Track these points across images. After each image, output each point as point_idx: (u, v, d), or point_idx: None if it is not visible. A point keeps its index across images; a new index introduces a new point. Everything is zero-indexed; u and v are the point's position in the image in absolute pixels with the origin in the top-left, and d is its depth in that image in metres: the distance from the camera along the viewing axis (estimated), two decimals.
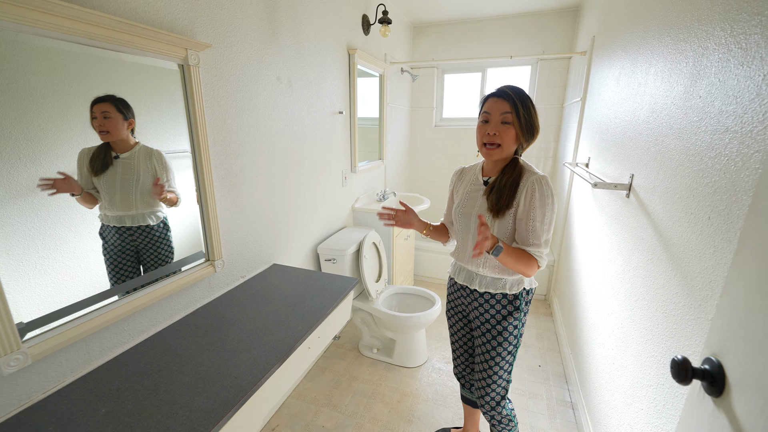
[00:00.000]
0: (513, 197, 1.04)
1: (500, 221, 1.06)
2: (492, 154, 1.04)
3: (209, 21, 1.15)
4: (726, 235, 0.70)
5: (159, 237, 1.08)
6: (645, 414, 0.97)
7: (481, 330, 1.19)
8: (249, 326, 1.10)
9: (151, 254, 1.07)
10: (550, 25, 2.85)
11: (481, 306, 1.17)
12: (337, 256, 1.91)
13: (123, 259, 1.00)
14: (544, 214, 1.01)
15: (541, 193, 1.00)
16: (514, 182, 1.04)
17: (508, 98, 1.00)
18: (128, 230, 1.00)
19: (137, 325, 1.04)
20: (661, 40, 1.11)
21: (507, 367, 1.20)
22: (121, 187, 0.97)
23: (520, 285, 1.13)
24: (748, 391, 0.48)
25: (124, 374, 0.89)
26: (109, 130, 0.91)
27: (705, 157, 0.80)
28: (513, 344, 1.17)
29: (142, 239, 1.03)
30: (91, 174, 0.89)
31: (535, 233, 1.01)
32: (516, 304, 1.13)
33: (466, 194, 1.17)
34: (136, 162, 0.98)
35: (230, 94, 1.27)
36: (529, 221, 1.02)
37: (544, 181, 1.01)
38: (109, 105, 0.90)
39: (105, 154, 0.92)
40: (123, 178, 0.96)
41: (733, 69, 0.73)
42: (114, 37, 0.85)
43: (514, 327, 1.14)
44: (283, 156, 1.61)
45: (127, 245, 1.00)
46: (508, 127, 1.01)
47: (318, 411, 1.72)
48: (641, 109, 1.22)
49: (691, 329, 0.79)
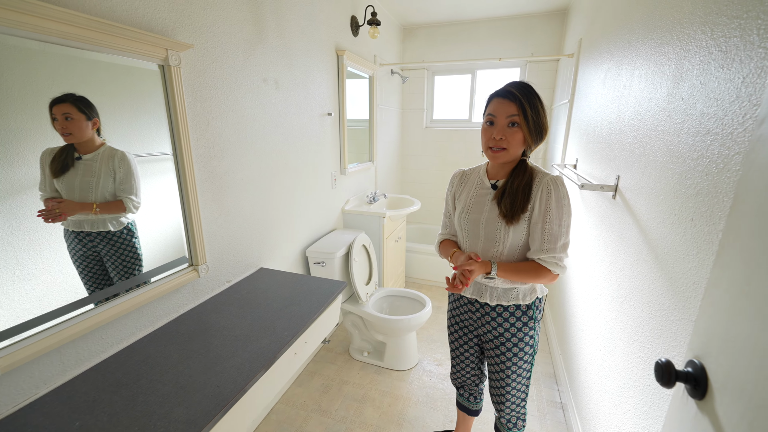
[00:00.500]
0: (527, 201, 0.97)
1: (515, 228, 0.99)
2: (498, 157, 0.98)
3: (191, 21, 1.13)
4: (708, 237, 0.70)
5: (121, 244, 1.01)
6: (632, 415, 0.97)
7: (494, 343, 1.11)
8: (233, 333, 1.07)
9: (114, 262, 1.00)
10: (538, 28, 2.88)
11: (494, 320, 1.09)
12: (326, 259, 1.89)
13: (88, 265, 0.95)
14: (562, 216, 0.96)
15: (557, 195, 0.95)
16: (527, 185, 0.98)
17: (515, 99, 0.93)
18: (88, 235, 0.94)
19: (116, 334, 1.01)
20: (644, 43, 1.12)
21: (525, 376, 1.14)
22: (80, 189, 0.91)
23: (533, 294, 1.06)
24: (730, 395, 0.47)
25: (101, 385, 0.86)
26: (72, 132, 0.86)
27: (688, 158, 0.81)
28: (530, 353, 1.11)
29: (102, 246, 0.97)
30: (51, 176, 0.85)
31: (552, 237, 0.96)
32: (530, 314, 1.07)
33: (471, 199, 1.08)
34: (98, 164, 0.93)
35: (214, 96, 1.25)
36: (545, 224, 0.96)
37: (559, 182, 0.96)
38: (69, 106, 0.85)
39: (66, 155, 0.87)
40: (83, 180, 0.91)
41: (713, 71, 0.74)
42: (89, 37, 0.83)
43: (530, 338, 1.08)
44: (270, 158, 1.59)
45: (88, 251, 0.95)
46: (515, 129, 0.94)
47: (307, 417, 1.69)
48: (626, 111, 1.23)
49: (675, 330, 0.79)
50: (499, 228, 1.01)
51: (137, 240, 1.05)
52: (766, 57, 0.59)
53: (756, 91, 0.61)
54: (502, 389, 1.14)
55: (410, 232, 3.54)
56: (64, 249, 0.87)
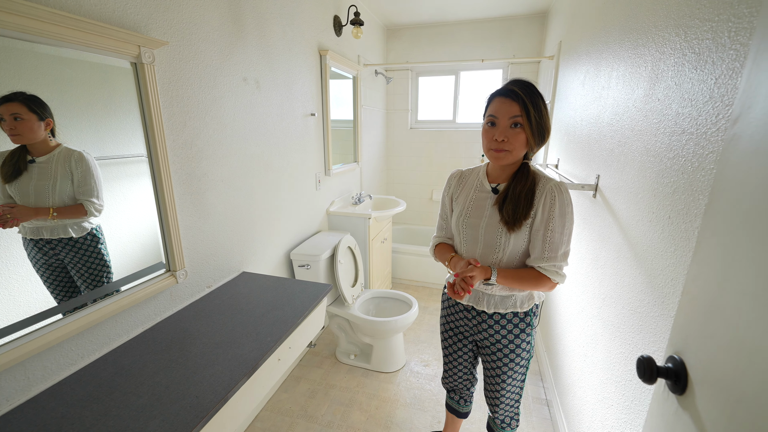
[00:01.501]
0: (530, 207, 0.93)
1: (516, 234, 0.95)
2: (500, 158, 0.93)
3: (165, 17, 1.09)
4: (685, 234, 0.72)
5: (86, 251, 0.95)
6: (615, 410, 0.99)
7: (490, 350, 1.10)
8: (214, 340, 1.04)
9: (80, 270, 0.94)
10: (519, 30, 2.93)
11: (491, 328, 1.06)
12: (310, 261, 1.86)
13: (52, 274, 0.89)
14: (564, 224, 0.92)
15: (561, 202, 0.91)
16: (530, 190, 0.94)
17: (518, 99, 0.88)
18: (48, 243, 0.88)
19: (87, 344, 0.96)
20: (622, 45, 1.14)
21: (520, 379, 1.13)
22: (36, 194, 0.85)
23: (531, 301, 1.04)
24: (710, 390, 0.48)
25: (70, 400, 0.81)
26: (21, 133, 0.80)
27: (664, 158, 0.82)
28: (526, 358, 1.10)
29: (65, 253, 0.91)
30: (2, 181, 0.79)
31: (553, 245, 0.93)
32: (528, 321, 1.05)
33: (470, 202, 1.04)
34: (53, 166, 0.86)
35: (191, 95, 1.21)
36: (547, 232, 0.92)
37: (563, 189, 0.92)
38: (19, 106, 0.78)
39: (18, 159, 0.81)
40: (38, 184, 0.85)
41: (687, 73, 0.76)
42: (51, 31, 0.78)
43: (527, 343, 1.07)
44: (251, 159, 1.55)
45: (50, 260, 0.89)
46: (518, 131, 0.89)
47: (293, 423, 1.66)
48: (605, 112, 1.25)
49: (655, 326, 0.81)
50: (499, 234, 0.97)
51: (104, 246, 0.98)
52: (737, 59, 0.61)
53: (728, 91, 0.62)
54: (497, 392, 1.14)
55: (396, 233, 3.53)
56: (26, 257, 0.82)
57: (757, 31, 0.47)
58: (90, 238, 0.96)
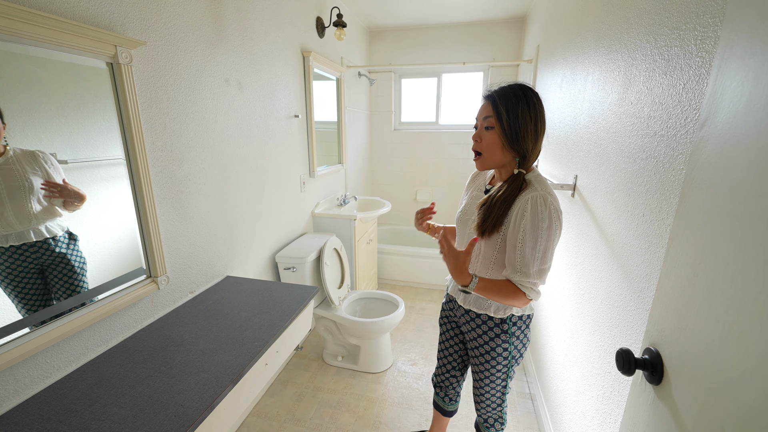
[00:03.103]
0: (503, 217, 0.89)
1: (486, 242, 0.94)
2: (476, 162, 0.95)
3: (143, 16, 1.06)
4: (658, 231, 0.76)
5: (58, 255, 0.90)
6: (595, 401, 1.03)
7: (472, 345, 1.11)
8: (198, 346, 1.01)
9: (59, 273, 0.90)
10: (499, 34, 2.99)
11: (471, 322, 1.08)
12: (296, 264, 1.84)
13: (21, 283, 0.84)
14: (536, 239, 0.84)
15: (534, 215, 0.84)
16: (507, 200, 0.89)
17: (491, 99, 0.89)
18: (18, 249, 0.83)
19: (63, 356, 0.92)
20: (596, 50, 1.19)
21: (500, 384, 1.11)
22: (10, 195, 0.80)
23: (506, 310, 1.01)
24: (684, 379, 0.51)
25: (46, 414, 0.78)
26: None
27: (638, 158, 0.86)
28: (504, 366, 1.07)
29: (39, 256, 0.87)
30: None
31: (524, 260, 0.86)
32: (504, 329, 1.02)
33: (470, 200, 1.07)
34: (18, 167, 0.81)
35: (171, 96, 1.18)
36: (518, 245, 0.86)
37: (540, 201, 0.84)
38: None
39: None
40: (10, 185, 0.80)
41: (658, 78, 0.80)
42: (20, 29, 0.74)
43: (504, 350, 1.04)
44: (234, 162, 1.52)
45: (28, 266, 0.84)
46: (490, 132, 0.89)
47: (280, 428, 1.64)
48: (582, 114, 1.30)
49: (632, 319, 0.85)
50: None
51: (77, 251, 0.94)
52: (703, 65, 0.65)
53: (696, 96, 0.66)
54: (479, 389, 1.16)
55: (382, 234, 3.54)
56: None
57: (722, 40, 0.50)
58: (69, 236, 0.92)
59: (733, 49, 0.47)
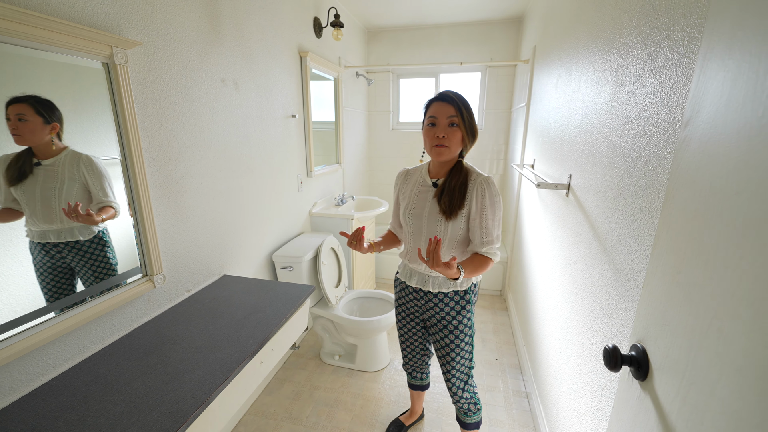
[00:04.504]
0: (464, 198, 1.08)
1: (453, 222, 1.10)
2: (441, 153, 1.07)
3: (139, 17, 1.07)
4: (647, 230, 0.77)
5: (92, 254, 0.98)
6: (588, 399, 1.04)
7: (438, 327, 1.23)
8: (194, 344, 1.02)
9: (85, 273, 0.97)
10: (496, 34, 3.00)
11: (437, 306, 1.20)
12: (293, 263, 1.85)
13: (54, 278, 0.90)
14: (495, 212, 1.07)
15: (490, 193, 1.06)
16: (463, 184, 1.09)
17: (453, 102, 1.05)
18: (55, 246, 0.90)
19: (59, 353, 0.93)
20: (590, 51, 1.20)
21: (467, 354, 1.25)
22: (42, 198, 0.87)
23: (469, 281, 1.19)
24: (667, 374, 0.52)
25: (42, 411, 0.78)
26: (21, 134, 0.82)
27: (628, 158, 0.87)
28: (469, 334, 1.23)
29: (72, 257, 0.94)
30: (7, 184, 0.80)
31: (488, 231, 1.08)
32: (467, 299, 1.19)
33: (414, 195, 1.18)
34: (60, 169, 0.89)
35: (167, 96, 1.19)
36: (482, 220, 1.07)
37: (491, 182, 1.08)
38: (26, 107, 0.81)
39: (23, 162, 0.83)
40: (44, 187, 0.87)
41: (648, 78, 0.81)
42: (16, 30, 0.75)
43: (468, 319, 1.21)
44: (231, 161, 1.53)
45: (56, 263, 0.91)
46: (454, 129, 1.05)
47: (277, 426, 1.64)
48: (576, 114, 1.31)
49: (622, 317, 0.86)
50: (439, 223, 1.11)
51: (110, 249, 1.02)
52: (690, 65, 0.66)
53: (682, 96, 0.67)
54: (449, 365, 1.26)
55: (379, 233, 3.55)
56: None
57: (704, 41, 0.51)
58: (97, 241, 0.99)
59: (714, 50, 0.48)
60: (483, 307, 2.72)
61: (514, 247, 2.63)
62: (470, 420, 1.35)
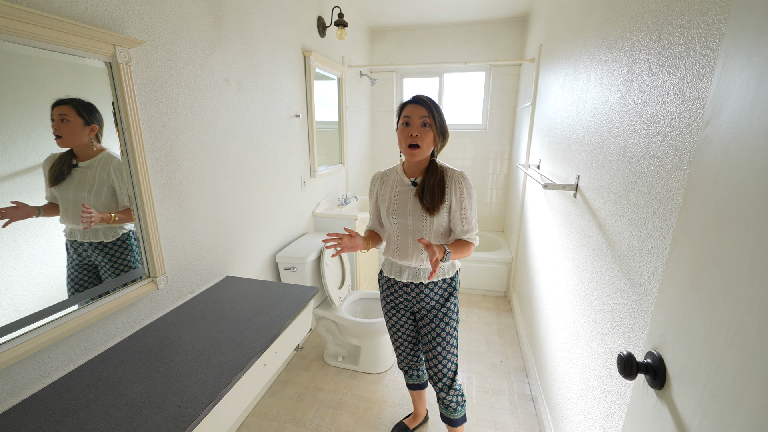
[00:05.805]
0: (443, 193, 1.16)
1: (437, 217, 1.18)
2: (415, 154, 1.13)
3: (142, 15, 1.06)
4: (661, 232, 0.74)
5: (113, 254, 1.00)
6: (597, 404, 1.01)
7: (428, 317, 1.28)
8: (197, 347, 1.01)
9: (106, 273, 1.00)
10: (501, 33, 2.98)
11: (428, 296, 1.26)
12: (296, 264, 1.84)
13: (79, 275, 0.94)
14: (471, 203, 1.18)
15: (466, 186, 1.16)
16: (441, 181, 1.17)
17: (425, 104, 1.12)
18: (81, 245, 0.94)
19: (61, 355, 0.92)
20: (599, 49, 1.18)
21: (455, 343, 1.31)
22: (74, 199, 0.90)
23: (453, 268, 1.26)
24: (687, 384, 0.50)
25: (43, 415, 0.77)
26: (63, 135, 0.86)
27: (640, 159, 0.85)
28: (456, 320, 1.29)
29: (96, 256, 0.97)
30: (48, 183, 0.84)
31: (468, 220, 1.18)
32: (453, 285, 1.27)
33: (395, 196, 1.23)
34: (93, 172, 0.93)
35: (170, 96, 1.18)
36: (462, 211, 1.17)
37: (465, 176, 1.17)
38: (68, 108, 0.85)
39: (63, 163, 0.87)
40: (77, 188, 0.90)
41: (661, 77, 0.78)
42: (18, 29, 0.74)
43: (454, 305, 1.28)
44: (234, 161, 1.52)
45: (83, 261, 0.95)
46: (427, 129, 1.12)
47: (280, 429, 1.63)
48: (584, 114, 1.28)
49: (634, 322, 0.83)
50: (424, 219, 1.18)
51: (131, 252, 1.06)
52: (707, 63, 0.63)
53: (699, 95, 0.65)
54: (439, 356, 1.29)
55: None
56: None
57: (726, 38, 0.49)
58: (120, 243, 1.02)
59: (738, 47, 0.46)
60: (487, 309, 2.70)
61: (519, 248, 2.60)
62: (458, 414, 1.36)
